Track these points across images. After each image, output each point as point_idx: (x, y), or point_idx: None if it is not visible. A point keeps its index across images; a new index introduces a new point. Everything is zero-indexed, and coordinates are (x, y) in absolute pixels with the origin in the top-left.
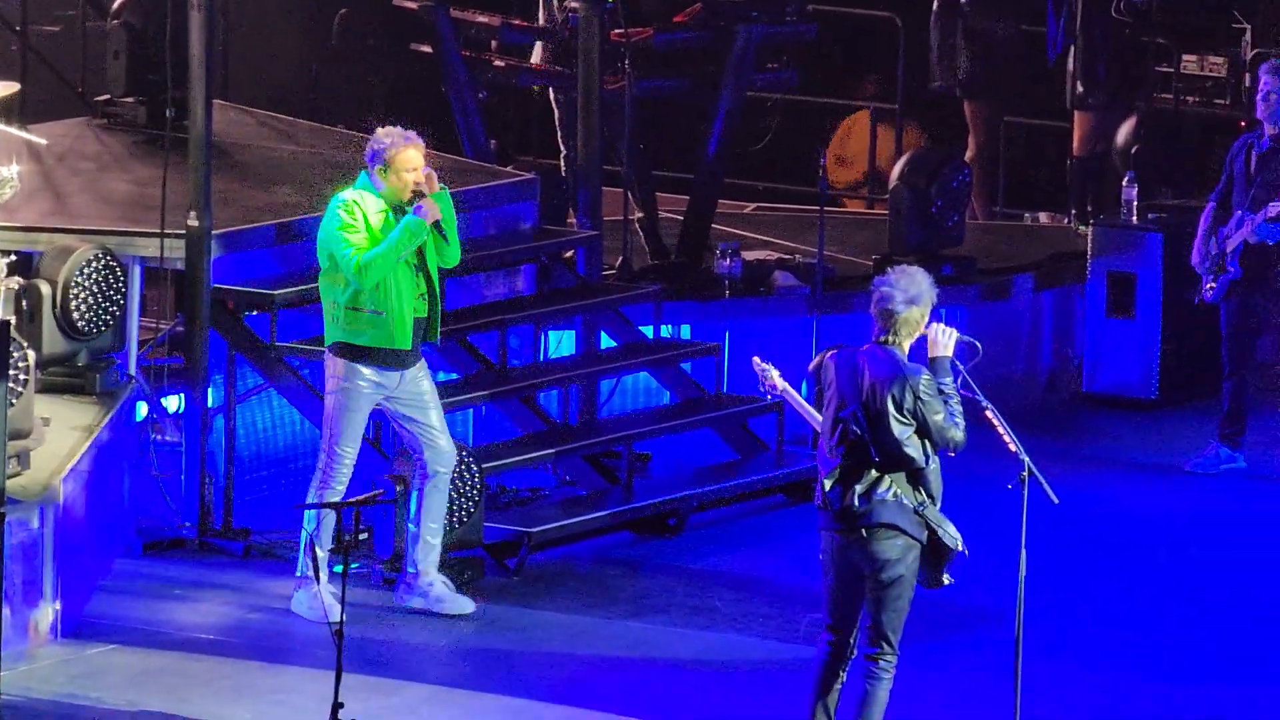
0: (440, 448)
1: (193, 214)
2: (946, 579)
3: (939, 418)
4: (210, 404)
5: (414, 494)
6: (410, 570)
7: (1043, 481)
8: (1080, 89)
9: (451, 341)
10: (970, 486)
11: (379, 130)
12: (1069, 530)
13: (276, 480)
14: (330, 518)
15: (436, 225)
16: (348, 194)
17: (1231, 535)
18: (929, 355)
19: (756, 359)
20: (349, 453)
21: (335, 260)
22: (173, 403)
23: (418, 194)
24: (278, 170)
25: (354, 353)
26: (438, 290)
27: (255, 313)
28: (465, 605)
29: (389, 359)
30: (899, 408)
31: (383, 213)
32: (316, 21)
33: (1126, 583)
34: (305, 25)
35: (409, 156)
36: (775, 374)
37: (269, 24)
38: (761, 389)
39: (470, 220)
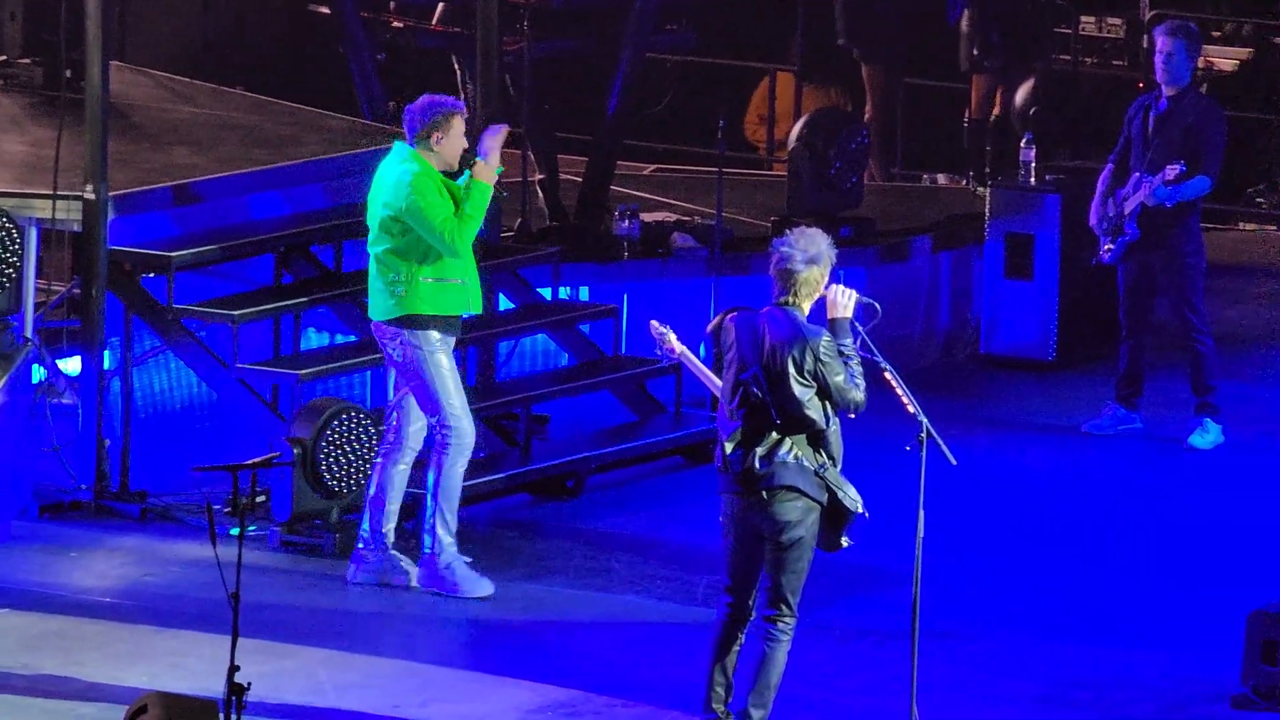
0: (426, 426)
1: (89, 186)
2: (845, 542)
3: (839, 379)
4: (107, 366)
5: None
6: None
7: (940, 443)
8: (976, 53)
9: (348, 303)
10: (869, 449)
11: (425, 100)
12: (967, 492)
13: (173, 443)
14: (455, 494)
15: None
16: (409, 167)
17: (1128, 496)
18: (828, 316)
19: (654, 322)
20: (467, 423)
21: (413, 235)
22: (70, 365)
23: (466, 160)
24: (175, 132)
25: (426, 322)
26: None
27: (152, 275)
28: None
29: (456, 326)
30: (799, 369)
31: (444, 181)
32: None
33: (1024, 543)
34: None
35: (461, 123)
36: (673, 337)
37: None
38: (659, 352)
39: (368, 182)
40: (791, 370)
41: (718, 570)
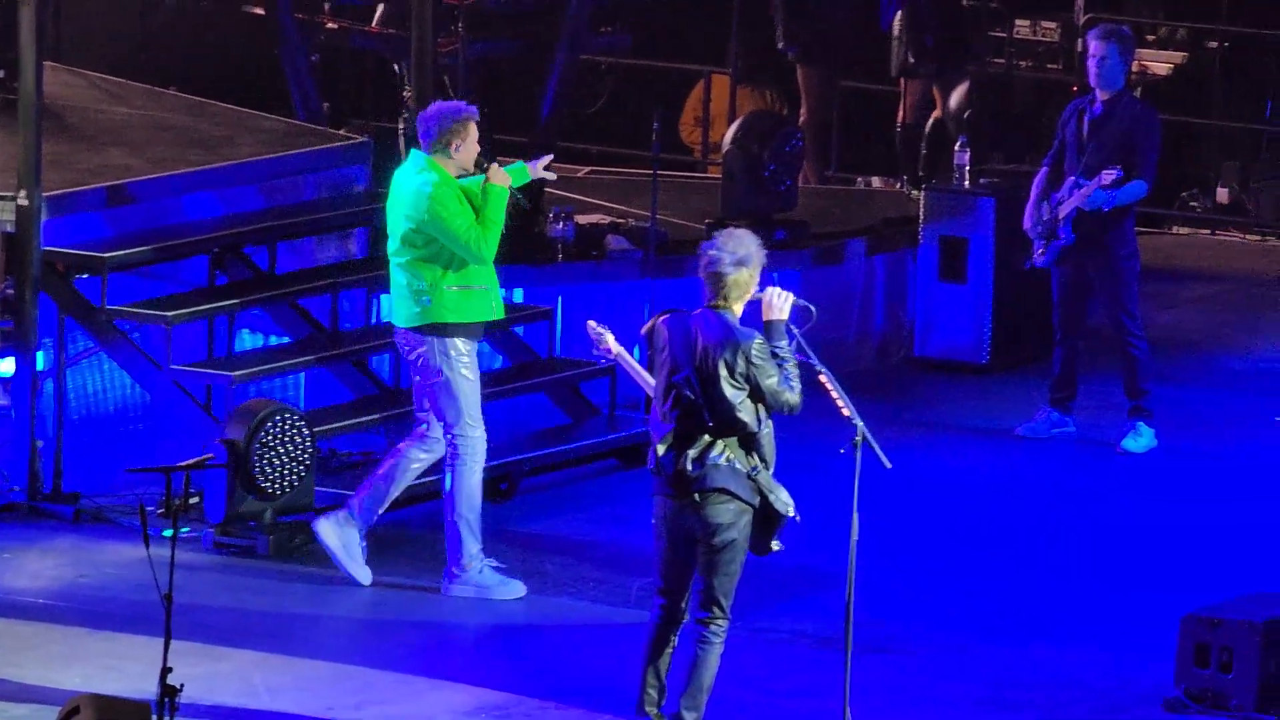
0: None
1: (23, 192)
2: (776, 545)
3: (771, 381)
4: (40, 367)
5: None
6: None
7: (875, 446)
8: (911, 60)
9: (283, 305)
10: (805, 451)
11: (438, 106)
12: (902, 494)
13: (107, 444)
14: (476, 501)
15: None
16: (428, 177)
17: (1062, 500)
18: (764, 319)
19: (592, 323)
20: (481, 431)
21: (437, 244)
22: (3, 366)
23: (479, 164)
24: (110, 133)
25: (448, 331)
26: None
27: (86, 276)
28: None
29: (480, 332)
30: (731, 372)
31: (462, 187)
32: None
33: (959, 546)
34: None
35: (475, 127)
36: (610, 338)
37: None
38: (595, 353)
39: (303, 183)
40: (723, 372)
41: (651, 573)
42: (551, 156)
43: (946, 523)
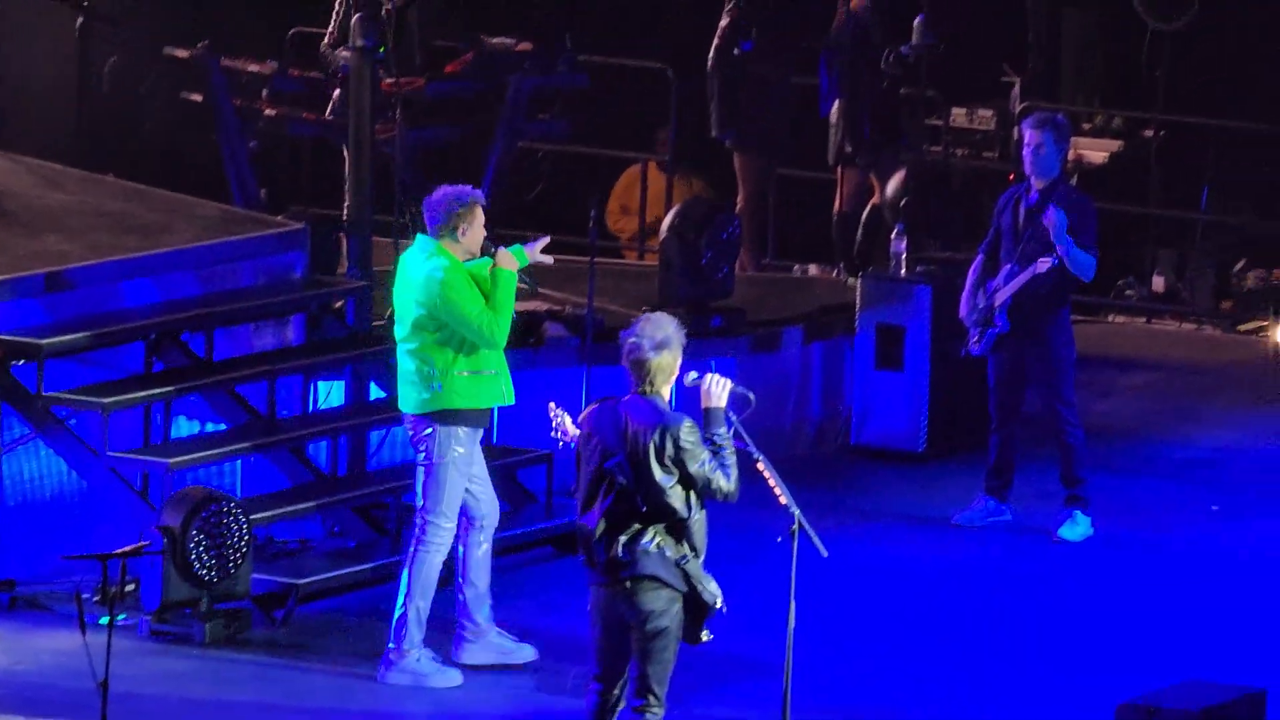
0: (494, 499)
1: None
2: (705, 635)
3: (698, 467)
4: None
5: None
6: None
7: (812, 535)
8: (848, 148)
9: (220, 391)
10: (743, 540)
11: (445, 192)
12: (839, 583)
13: (43, 531)
14: (430, 588)
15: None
16: (438, 263)
17: (1000, 588)
18: (702, 406)
19: (552, 405)
20: (452, 526)
21: (449, 330)
22: None
23: (486, 249)
24: (46, 218)
25: (457, 418)
26: None
27: (22, 362)
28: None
29: (486, 419)
30: (659, 456)
31: (470, 271)
32: (87, 69)
33: (895, 635)
34: (75, 73)
35: (482, 211)
36: (568, 421)
37: (38, 71)
38: (554, 436)
39: (240, 269)
40: (652, 457)
41: (587, 660)
42: (548, 239)
43: (885, 611)
